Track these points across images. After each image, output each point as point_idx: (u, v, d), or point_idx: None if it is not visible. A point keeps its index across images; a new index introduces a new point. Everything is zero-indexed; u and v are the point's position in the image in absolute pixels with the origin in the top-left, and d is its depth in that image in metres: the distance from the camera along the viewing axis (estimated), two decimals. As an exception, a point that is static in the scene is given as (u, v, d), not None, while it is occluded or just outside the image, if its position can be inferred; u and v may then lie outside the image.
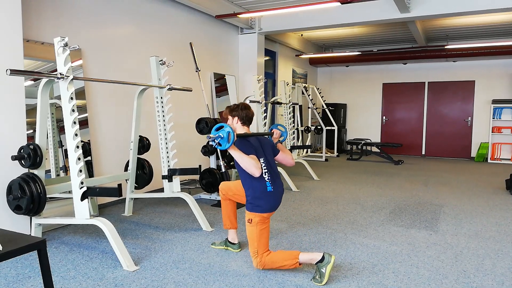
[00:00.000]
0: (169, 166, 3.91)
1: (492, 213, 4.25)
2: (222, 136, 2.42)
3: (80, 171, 2.85)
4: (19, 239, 1.78)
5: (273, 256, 2.60)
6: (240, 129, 2.84)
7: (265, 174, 2.65)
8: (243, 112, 2.85)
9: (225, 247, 3.07)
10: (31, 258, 2.83)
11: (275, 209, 2.72)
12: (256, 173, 2.52)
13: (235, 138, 2.46)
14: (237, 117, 2.85)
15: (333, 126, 9.22)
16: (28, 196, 2.86)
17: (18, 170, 3.04)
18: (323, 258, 2.46)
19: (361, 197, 5.03)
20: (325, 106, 9.46)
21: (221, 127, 2.47)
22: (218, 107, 6.42)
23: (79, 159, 2.84)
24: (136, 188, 4.15)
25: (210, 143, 2.50)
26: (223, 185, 3.07)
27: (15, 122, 3.17)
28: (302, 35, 9.01)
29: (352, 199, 4.90)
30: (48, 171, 3.68)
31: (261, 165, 2.64)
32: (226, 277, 2.56)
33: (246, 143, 2.66)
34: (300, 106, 8.97)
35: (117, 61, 4.57)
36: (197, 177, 5.32)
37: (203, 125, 4.60)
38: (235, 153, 2.50)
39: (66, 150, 3.07)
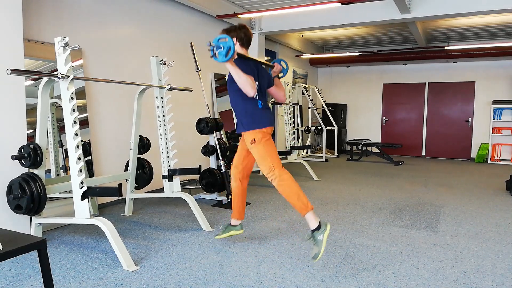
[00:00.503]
0: (169, 166, 3.92)
1: (492, 214, 4.25)
2: (222, 47, 2.36)
3: (80, 170, 2.85)
4: (19, 238, 1.78)
5: (294, 184, 2.63)
6: (239, 50, 2.78)
7: (256, 96, 2.69)
8: (242, 32, 2.78)
9: (228, 234, 3.09)
10: (31, 257, 2.83)
11: (272, 124, 2.75)
12: (251, 92, 2.53)
13: (234, 55, 2.43)
14: (235, 38, 2.79)
15: (333, 126, 9.22)
16: (28, 196, 2.86)
17: (18, 170, 3.04)
18: (319, 225, 2.54)
19: (361, 197, 5.02)
20: (325, 107, 9.47)
21: (225, 39, 2.42)
22: (218, 107, 6.42)
23: (79, 158, 2.84)
24: (136, 188, 4.15)
25: (209, 49, 2.46)
26: (232, 168, 3.06)
27: (16, 121, 3.17)
28: (302, 35, 9.01)
29: (352, 199, 4.90)
30: (48, 171, 3.68)
31: None
32: (226, 277, 2.56)
33: (245, 63, 2.65)
34: (300, 107, 8.97)
35: (117, 61, 4.57)
36: (197, 177, 5.32)
37: (203, 125, 4.60)
38: (233, 69, 2.49)
39: (66, 150, 3.08)
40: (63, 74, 2.76)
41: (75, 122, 2.83)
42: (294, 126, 8.02)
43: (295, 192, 2.62)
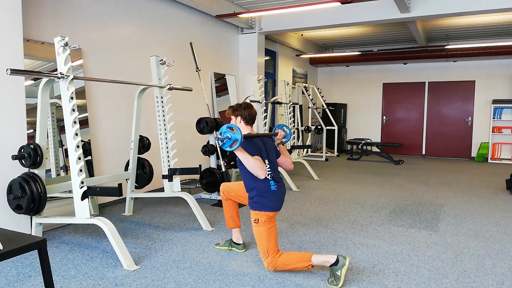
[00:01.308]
0: (169, 165, 3.92)
1: (493, 213, 4.25)
2: (229, 137, 2.38)
3: (81, 170, 2.85)
4: (20, 238, 1.78)
5: (284, 258, 2.56)
6: (244, 128, 2.81)
7: (268, 175, 2.64)
8: (246, 112, 2.82)
9: (229, 247, 3.06)
10: (31, 257, 2.83)
11: (280, 208, 2.70)
12: (261, 175, 2.50)
13: (241, 141, 2.43)
14: (240, 117, 2.82)
15: (333, 126, 9.22)
16: (29, 196, 2.86)
17: (18, 170, 3.05)
18: (337, 260, 2.42)
19: (361, 197, 5.03)
20: (325, 106, 9.46)
21: (233, 129, 2.41)
22: (218, 107, 6.42)
23: (79, 158, 2.84)
24: (136, 187, 4.15)
25: (220, 145, 2.46)
26: (223, 186, 3.05)
27: (16, 121, 3.17)
28: (302, 35, 9.00)
29: (352, 199, 4.90)
30: (48, 171, 3.68)
31: (265, 166, 2.63)
32: (226, 277, 2.56)
33: (251, 144, 2.63)
34: (300, 106, 8.97)
35: (117, 60, 4.57)
36: (197, 176, 5.32)
37: (203, 125, 4.60)
38: (241, 155, 2.47)
39: (66, 150, 3.08)
40: (63, 74, 2.76)
41: (75, 122, 2.83)
42: (294, 126, 8.02)
43: (289, 264, 2.55)
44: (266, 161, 2.66)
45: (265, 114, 6.18)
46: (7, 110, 3.11)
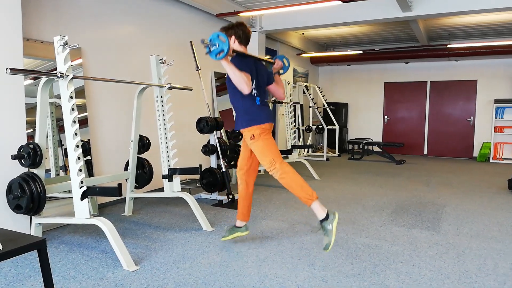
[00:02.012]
0: (169, 165, 3.90)
1: (494, 213, 4.23)
2: (217, 45, 2.37)
3: (80, 170, 2.84)
4: (19, 238, 1.77)
5: (295, 178, 2.62)
6: (238, 48, 2.79)
7: (254, 94, 2.69)
8: (240, 29, 2.78)
9: (233, 235, 3.08)
10: (31, 257, 2.82)
11: (271, 120, 2.74)
12: (245, 90, 2.52)
13: (230, 49, 2.43)
14: (233, 36, 2.79)
15: (335, 125, 9.20)
16: (28, 196, 2.85)
17: (18, 170, 3.03)
18: (327, 215, 2.51)
19: (362, 197, 5.01)
20: (326, 106, 9.44)
21: (222, 38, 2.38)
22: (218, 106, 6.40)
23: (79, 158, 2.83)
24: (136, 187, 4.14)
25: (204, 46, 2.46)
26: (238, 167, 3.05)
27: (15, 121, 3.16)
28: (303, 34, 8.98)
29: (353, 199, 4.88)
30: (48, 171, 3.67)
31: (252, 85, 2.67)
32: (226, 277, 2.55)
33: (242, 61, 2.64)
34: (301, 106, 8.96)
35: (117, 60, 4.56)
36: (197, 176, 5.31)
37: (204, 125, 4.59)
38: (228, 67, 2.49)
39: (66, 149, 3.06)
40: (63, 73, 2.75)
41: (74, 122, 2.81)
42: (295, 125, 8.01)
43: (298, 183, 2.62)
44: (254, 81, 2.68)
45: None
46: (7, 110, 3.10)
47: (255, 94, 2.68)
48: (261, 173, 6.43)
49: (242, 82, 2.49)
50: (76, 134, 2.83)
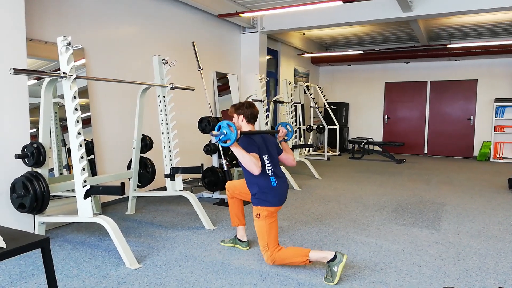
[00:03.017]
0: (171, 164, 3.93)
1: (495, 212, 4.25)
2: (225, 133, 2.43)
3: (83, 169, 2.86)
4: (23, 237, 1.79)
5: (283, 253, 2.61)
6: (245, 127, 2.86)
7: (268, 171, 2.68)
8: (248, 111, 2.86)
9: (233, 244, 3.09)
10: (34, 256, 2.84)
11: (282, 203, 2.73)
12: (255, 171, 2.53)
13: (238, 134, 2.47)
14: (242, 115, 2.86)
15: (335, 125, 9.21)
16: (32, 195, 2.88)
17: (21, 169, 3.06)
18: (335, 257, 2.44)
19: (363, 195, 5.03)
20: (327, 105, 9.45)
21: (230, 127, 2.44)
22: (220, 106, 6.43)
23: (82, 157, 2.86)
24: (139, 186, 4.16)
25: (215, 141, 2.51)
26: (229, 185, 3.11)
27: (19, 121, 3.19)
28: (304, 34, 9.00)
29: (354, 197, 4.90)
30: (51, 170, 3.70)
31: (265, 162, 2.67)
32: (228, 275, 2.57)
33: (249, 140, 2.67)
34: (302, 105, 8.97)
35: (120, 60, 4.58)
36: (199, 175, 5.33)
37: (205, 124, 4.61)
38: (236, 150, 2.51)
39: (69, 149, 3.09)
40: (66, 74, 2.78)
41: (78, 121, 2.84)
42: (296, 125, 8.02)
43: (287, 258, 2.60)
44: (266, 156, 2.70)
45: (267, 113, 6.18)
46: (11, 110, 3.13)
47: (270, 172, 2.67)
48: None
49: (252, 164, 2.50)
50: (79, 133, 2.85)
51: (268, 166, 2.68)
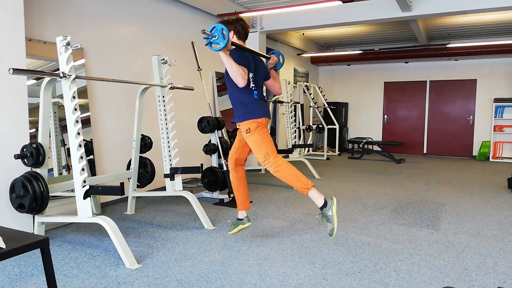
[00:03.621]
0: (171, 164, 3.93)
1: (494, 212, 4.25)
2: (216, 36, 2.40)
3: (83, 169, 2.86)
4: (22, 237, 1.79)
5: (290, 169, 2.64)
6: (237, 42, 2.84)
7: (252, 87, 2.73)
8: (239, 24, 2.83)
9: (239, 228, 3.14)
10: (34, 256, 2.84)
11: (267, 116, 2.78)
12: (241, 83, 2.55)
13: (230, 37, 2.46)
14: (232, 31, 2.83)
15: (335, 125, 9.22)
16: (31, 195, 2.87)
17: (21, 169, 3.06)
18: (325, 203, 2.53)
19: (362, 195, 5.03)
20: (326, 105, 9.46)
21: (224, 32, 2.43)
22: (219, 106, 6.42)
23: (81, 157, 2.85)
24: (138, 186, 4.16)
25: (204, 37, 2.48)
26: (229, 160, 3.11)
27: (18, 121, 3.19)
28: (303, 34, 9.00)
29: (353, 197, 4.91)
30: (50, 170, 3.69)
31: (250, 79, 2.71)
32: (228, 275, 2.57)
33: (240, 53, 2.68)
34: (302, 105, 8.97)
35: (119, 60, 4.58)
36: (199, 175, 5.33)
37: (205, 124, 4.61)
38: (225, 58, 2.52)
39: (68, 149, 3.09)
40: (65, 73, 2.77)
41: (77, 121, 2.84)
42: (295, 125, 8.02)
43: (293, 174, 2.64)
44: (251, 74, 2.73)
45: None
46: (10, 110, 3.12)
47: (253, 88, 2.72)
48: (262, 172, 6.45)
49: (238, 75, 2.52)
50: (78, 133, 2.85)
51: (251, 84, 2.72)
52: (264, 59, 3.08)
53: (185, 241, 3.23)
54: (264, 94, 2.97)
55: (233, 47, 2.73)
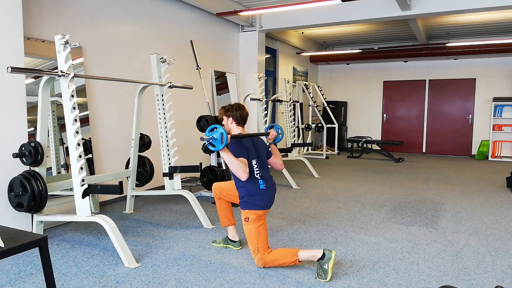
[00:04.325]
0: (170, 163, 3.92)
1: (493, 211, 4.26)
2: (215, 137, 2.44)
3: (81, 168, 2.85)
4: (21, 236, 1.79)
5: (273, 254, 2.62)
6: (235, 129, 2.86)
7: (257, 175, 2.69)
8: (237, 113, 2.86)
9: (225, 245, 3.08)
10: (32, 255, 2.84)
11: (269, 206, 2.74)
12: (243, 177, 2.54)
13: (228, 140, 2.47)
14: (231, 118, 2.87)
15: (334, 124, 9.22)
16: (30, 194, 2.87)
17: (19, 168, 3.05)
18: (323, 255, 2.46)
19: (361, 194, 5.03)
20: (325, 104, 9.46)
21: (214, 128, 2.48)
22: (218, 105, 6.41)
23: (80, 156, 2.85)
24: (137, 185, 4.15)
25: (205, 144, 2.51)
26: (215, 186, 3.09)
27: (16, 119, 3.18)
28: (302, 32, 8.99)
29: (352, 196, 4.91)
30: (49, 169, 3.69)
31: (253, 166, 2.68)
32: (227, 274, 2.57)
33: (238, 144, 2.67)
34: (301, 104, 8.97)
35: (118, 58, 4.57)
36: (198, 174, 5.33)
37: (204, 123, 4.60)
38: (225, 155, 2.52)
39: (67, 148, 3.08)
40: (64, 72, 2.77)
41: (75, 120, 2.83)
42: (294, 124, 8.02)
43: (277, 258, 2.60)
44: (255, 160, 2.71)
45: (266, 112, 6.18)
46: (8, 108, 3.11)
47: (258, 176, 2.69)
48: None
49: (239, 169, 2.52)
50: (77, 132, 2.84)
51: (256, 170, 2.69)
52: (264, 137, 3.06)
53: (184, 240, 3.23)
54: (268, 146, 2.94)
55: (230, 140, 2.71)
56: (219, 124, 3.62)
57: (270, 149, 2.94)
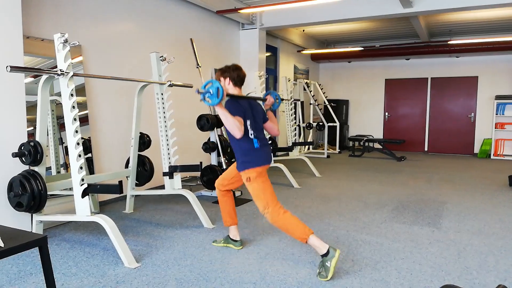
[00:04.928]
0: (170, 163, 3.90)
1: (495, 210, 4.23)
2: (211, 92, 2.42)
3: (81, 168, 2.84)
4: (21, 236, 1.78)
5: (289, 218, 2.60)
6: (232, 90, 2.84)
7: (251, 135, 2.70)
8: (235, 73, 2.84)
9: (226, 244, 3.06)
10: (32, 255, 2.82)
11: (268, 162, 2.76)
12: (237, 135, 2.54)
13: (225, 94, 2.47)
14: (228, 78, 2.84)
15: (335, 122, 9.19)
16: (29, 193, 2.85)
17: (18, 167, 3.04)
18: (328, 251, 2.45)
19: (363, 194, 5.00)
20: (327, 102, 9.43)
21: (210, 83, 2.46)
22: (219, 104, 6.39)
23: (79, 156, 2.83)
24: (137, 185, 4.14)
25: (200, 99, 2.50)
26: (217, 181, 3.07)
27: (16, 119, 3.16)
28: (304, 30, 8.96)
29: (354, 196, 4.88)
30: (48, 168, 3.67)
31: (248, 127, 2.68)
32: (227, 274, 2.55)
33: (235, 103, 2.68)
34: (302, 102, 8.94)
35: (117, 57, 4.55)
36: (198, 174, 5.31)
37: (204, 122, 4.58)
38: (221, 112, 2.52)
39: (66, 147, 3.07)
40: (63, 71, 2.75)
41: (75, 119, 2.81)
42: (295, 122, 8.00)
43: (292, 224, 2.58)
44: (249, 121, 2.71)
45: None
46: (7, 108, 3.10)
47: (252, 136, 2.69)
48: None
49: (234, 127, 2.52)
50: (76, 131, 2.83)
51: (250, 131, 2.70)
52: (261, 102, 3.06)
53: (184, 240, 3.21)
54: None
55: (228, 98, 2.71)
56: (218, 121, 3.59)
57: (267, 114, 2.94)
